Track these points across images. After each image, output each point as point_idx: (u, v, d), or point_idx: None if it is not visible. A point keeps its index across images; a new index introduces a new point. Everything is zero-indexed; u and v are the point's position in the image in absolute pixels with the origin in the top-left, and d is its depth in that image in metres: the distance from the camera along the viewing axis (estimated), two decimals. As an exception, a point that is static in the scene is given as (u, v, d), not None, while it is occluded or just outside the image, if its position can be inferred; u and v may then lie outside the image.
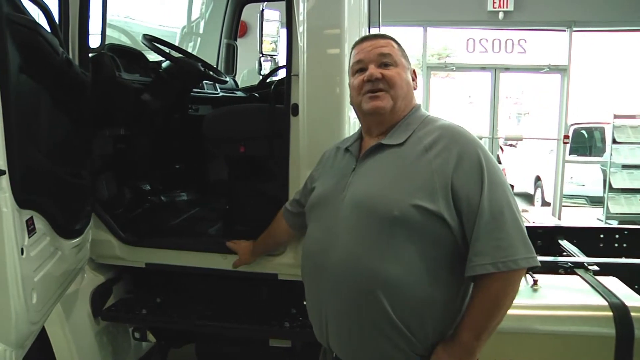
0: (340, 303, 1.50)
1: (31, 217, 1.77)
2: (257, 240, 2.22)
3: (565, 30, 7.42)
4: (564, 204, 7.81)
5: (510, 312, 2.01)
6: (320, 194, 1.65)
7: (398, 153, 1.52)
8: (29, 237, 1.75)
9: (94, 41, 2.41)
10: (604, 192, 7.17)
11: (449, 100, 9.18)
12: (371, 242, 1.45)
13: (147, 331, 2.57)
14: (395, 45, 1.62)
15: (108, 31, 2.61)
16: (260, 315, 2.38)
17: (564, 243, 3.13)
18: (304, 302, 1.72)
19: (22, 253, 1.70)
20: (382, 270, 1.43)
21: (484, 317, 1.42)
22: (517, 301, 2.15)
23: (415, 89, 1.64)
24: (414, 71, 1.65)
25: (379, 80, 1.55)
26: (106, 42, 2.59)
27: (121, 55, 2.60)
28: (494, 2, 7.30)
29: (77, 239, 2.12)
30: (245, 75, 4.64)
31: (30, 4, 1.86)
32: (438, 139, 1.48)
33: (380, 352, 1.47)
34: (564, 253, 3.01)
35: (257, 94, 3.49)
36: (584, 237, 3.25)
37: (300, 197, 1.92)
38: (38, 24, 1.79)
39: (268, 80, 3.72)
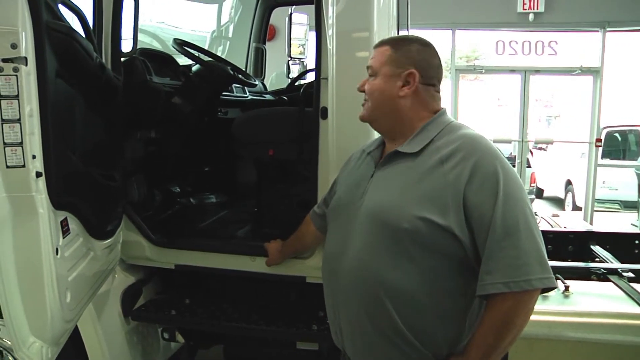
0: (351, 309, 1.52)
1: (65, 218, 1.81)
2: (286, 241, 2.23)
3: (598, 31, 7.27)
4: (596, 208, 7.64)
5: (541, 318, 1.98)
6: (341, 198, 1.66)
7: (413, 162, 1.48)
8: (63, 238, 1.80)
9: (126, 46, 2.47)
10: (639, 196, 6.99)
11: (477, 104, 9.08)
12: (380, 252, 1.45)
13: (175, 332, 2.60)
14: (388, 52, 1.55)
15: (140, 36, 2.67)
16: (287, 318, 2.39)
17: (597, 248, 3.06)
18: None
19: (57, 253, 1.75)
20: (390, 279, 1.42)
21: (494, 337, 1.37)
22: (548, 307, 2.14)
23: (402, 95, 1.52)
24: (409, 74, 1.51)
25: (363, 92, 1.62)
26: (138, 47, 2.65)
27: (152, 59, 2.64)
28: (524, 3, 7.19)
29: (109, 240, 2.16)
30: (274, 78, 4.66)
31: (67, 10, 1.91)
32: (456, 150, 1.42)
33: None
34: (597, 259, 2.94)
35: (285, 97, 3.51)
36: (618, 243, 3.17)
37: (326, 199, 1.92)
38: (74, 29, 1.84)
39: (296, 83, 3.73)
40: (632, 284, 2.30)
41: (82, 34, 1.96)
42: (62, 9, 1.85)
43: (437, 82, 1.57)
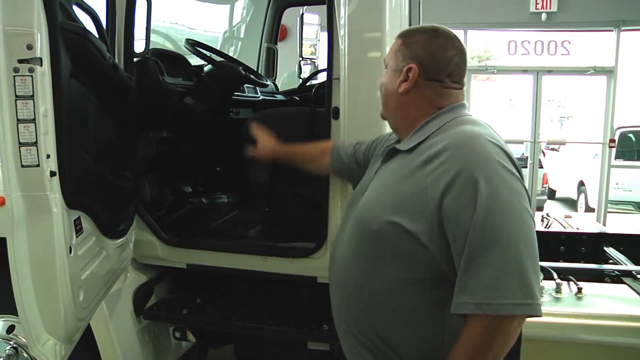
0: (335, 309, 1.50)
1: (79, 217, 1.83)
2: (288, 144, 2.15)
3: (612, 30, 7.20)
4: (609, 210, 7.58)
5: (553, 320, 1.96)
6: (354, 192, 1.61)
7: (404, 161, 1.37)
8: (77, 237, 1.82)
9: (139, 46, 2.49)
10: (653, 198, 6.93)
11: (489, 104, 9.04)
12: (356, 255, 1.39)
13: (187, 331, 2.61)
14: (398, 44, 1.45)
15: (152, 36, 2.68)
16: (299, 318, 2.39)
17: (610, 250, 3.04)
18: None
19: (70, 252, 1.76)
20: (362, 284, 1.37)
21: (469, 357, 1.22)
22: (560, 309, 2.13)
23: (401, 91, 1.41)
24: (408, 68, 1.39)
25: None
26: (150, 47, 2.66)
27: (164, 60, 2.65)
28: (536, 3, 7.14)
29: (121, 239, 2.17)
30: (285, 78, 4.67)
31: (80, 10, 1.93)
32: (443, 150, 1.27)
33: None
34: (610, 261, 2.92)
35: (297, 98, 3.51)
36: (632, 245, 3.14)
37: (354, 150, 1.87)
38: (88, 30, 1.85)
39: (308, 83, 3.74)
40: (647, 287, 2.28)
41: (96, 34, 1.97)
42: (76, 10, 1.86)
43: (445, 78, 1.40)
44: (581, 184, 9.17)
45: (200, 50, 2.78)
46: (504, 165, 1.23)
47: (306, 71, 3.90)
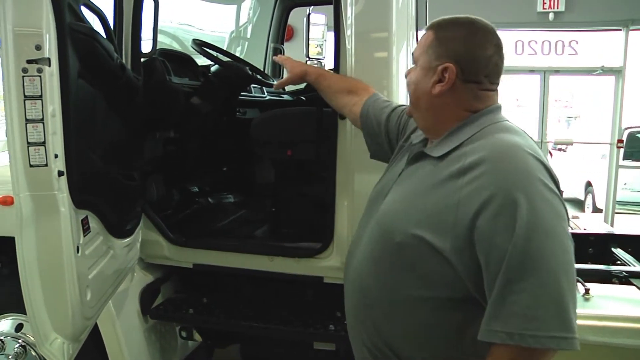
0: (348, 311, 1.44)
1: (86, 217, 1.84)
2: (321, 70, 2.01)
3: (621, 30, 7.16)
4: (617, 210, 7.54)
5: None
6: (376, 190, 1.48)
7: (434, 168, 1.26)
8: (84, 236, 1.83)
9: (146, 46, 2.49)
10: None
11: (496, 104, 8.99)
12: (374, 264, 1.31)
13: (193, 330, 2.62)
14: (430, 37, 1.31)
15: (159, 37, 2.69)
16: (305, 318, 2.39)
17: (618, 251, 3.02)
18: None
19: (78, 251, 1.77)
20: (379, 296, 1.29)
21: None
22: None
23: (435, 93, 1.27)
24: (444, 68, 1.25)
25: None
26: (157, 47, 2.67)
27: (171, 60, 2.66)
28: (543, 3, 7.11)
29: (128, 239, 2.18)
30: (292, 79, 4.67)
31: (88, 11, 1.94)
32: (480, 162, 1.15)
33: None
34: (618, 262, 2.90)
35: (303, 98, 3.51)
36: (640, 246, 3.12)
37: (388, 116, 1.70)
38: (95, 31, 1.86)
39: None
40: (656, 288, 2.26)
41: (103, 34, 1.98)
42: (84, 10, 1.87)
43: (484, 79, 1.26)
44: (588, 184, 9.12)
45: (207, 50, 2.79)
46: (545, 183, 1.13)
47: (313, 71, 3.89)
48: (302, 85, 3.78)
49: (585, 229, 3.41)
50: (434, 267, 1.18)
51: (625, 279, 2.41)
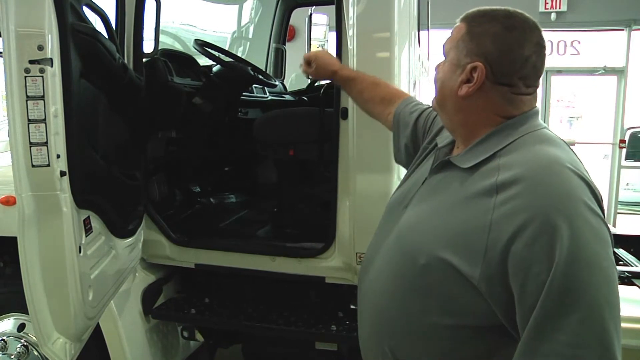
0: (364, 336, 1.32)
1: (88, 217, 1.84)
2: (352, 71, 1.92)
3: (623, 30, 7.15)
4: (619, 211, 7.53)
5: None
6: (396, 197, 1.36)
7: (463, 180, 1.12)
8: (86, 236, 1.83)
9: (148, 47, 2.50)
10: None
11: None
12: (393, 284, 1.19)
13: (195, 330, 2.62)
14: (462, 31, 1.16)
15: (161, 37, 2.70)
16: (307, 318, 2.39)
17: (620, 252, 3.01)
18: (352, 306, 1.71)
19: (80, 251, 1.77)
20: (396, 317, 1.18)
21: None
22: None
23: (461, 94, 1.13)
24: (473, 67, 1.10)
25: None
26: (159, 48, 2.68)
27: (173, 60, 2.66)
28: (545, 3, 7.10)
29: (130, 239, 2.18)
30: (294, 79, 4.67)
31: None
32: (517, 179, 1.01)
33: None
34: (620, 262, 2.89)
35: (305, 98, 3.51)
36: (643, 246, 3.11)
37: (415, 120, 1.58)
38: (97, 31, 1.87)
39: (316, 84, 3.74)
40: (658, 288, 2.26)
41: (105, 35, 1.98)
42: (86, 11, 1.87)
43: (518, 81, 1.11)
44: (591, 184, 9.11)
45: (209, 50, 2.79)
46: (590, 206, 0.99)
47: (315, 71, 3.89)
48: (304, 86, 3.80)
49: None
50: (461, 293, 1.06)
51: (628, 280, 2.41)
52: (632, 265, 2.75)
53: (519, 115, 1.13)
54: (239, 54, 3.85)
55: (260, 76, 2.98)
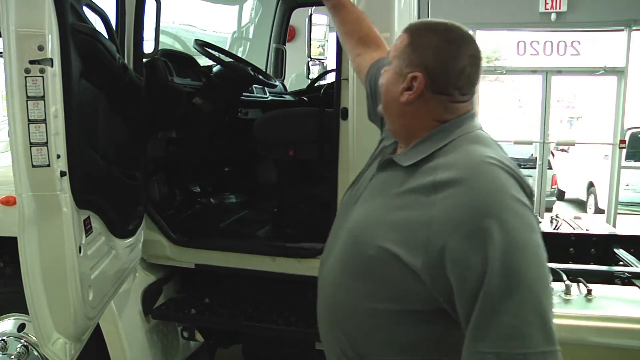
0: (320, 319, 1.38)
1: (88, 217, 1.84)
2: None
3: (623, 30, 7.15)
4: (619, 211, 7.53)
5: (562, 322, 1.94)
6: (350, 193, 1.44)
7: (404, 177, 1.21)
8: (86, 236, 1.83)
9: (148, 47, 2.50)
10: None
11: (498, 105, 9.00)
12: (348, 277, 1.26)
13: (195, 330, 2.62)
14: (405, 41, 1.25)
15: (161, 37, 2.70)
16: (306, 318, 2.39)
17: (620, 252, 3.01)
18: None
19: (80, 251, 1.77)
20: (350, 308, 1.25)
21: None
22: (570, 311, 2.11)
23: (403, 101, 1.22)
24: (413, 77, 1.19)
25: None
26: (159, 48, 2.68)
27: (173, 60, 2.67)
28: (545, 3, 7.10)
29: (130, 239, 2.18)
30: (294, 79, 4.67)
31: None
32: (452, 181, 1.11)
33: None
34: (620, 262, 2.89)
35: (305, 98, 3.51)
36: (643, 246, 3.11)
37: (376, 69, 1.61)
38: (98, 31, 1.87)
39: (317, 84, 3.74)
40: (658, 289, 2.26)
41: (106, 35, 1.98)
42: (86, 11, 1.88)
43: (454, 91, 1.22)
44: (591, 185, 9.12)
45: (209, 50, 2.79)
46: (518, 198, 1.11)
47: (314, 72, 3.90)
48: (304, 86, 3.80)
49: (587, 230, 3.40)
50: (405, 280, 1.14)
51: (628, 280, 2.41)
52: (632, 266, 2.75)
53: (455, 119, 1.23)
54: (239, 54, 3.85)
55: (260, 76, 2.98)
